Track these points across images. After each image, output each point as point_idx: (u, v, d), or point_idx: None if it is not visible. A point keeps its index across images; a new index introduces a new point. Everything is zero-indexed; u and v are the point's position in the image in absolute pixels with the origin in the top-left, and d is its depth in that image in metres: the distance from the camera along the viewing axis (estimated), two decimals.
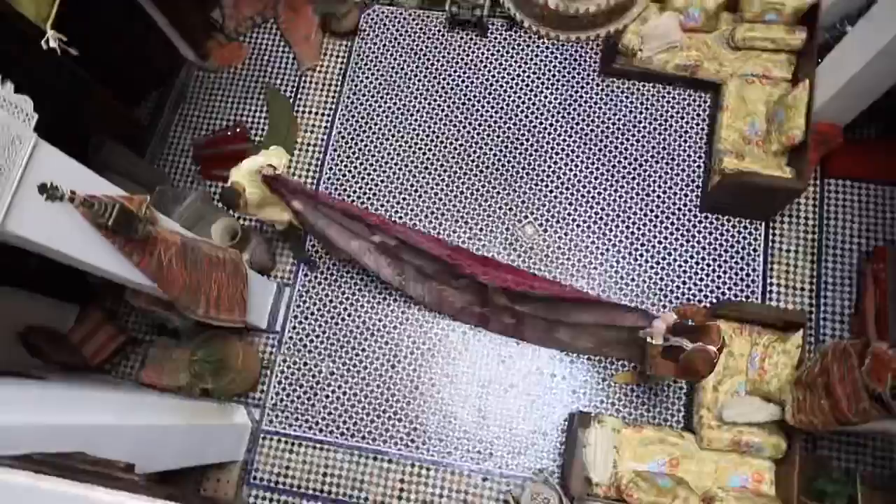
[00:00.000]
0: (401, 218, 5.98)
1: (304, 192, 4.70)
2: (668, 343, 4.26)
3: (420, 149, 6.21)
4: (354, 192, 6.12)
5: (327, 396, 5.57)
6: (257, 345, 5.74)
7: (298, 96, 6.52)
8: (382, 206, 6.05)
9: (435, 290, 5.25)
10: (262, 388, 5.63)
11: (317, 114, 6.44)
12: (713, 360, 4.00)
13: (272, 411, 5.57)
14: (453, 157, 6.16)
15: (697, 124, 6.07)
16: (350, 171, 6.20)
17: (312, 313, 5.79)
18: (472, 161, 6.13)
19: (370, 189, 6.12)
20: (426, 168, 6.15)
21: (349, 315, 5.76)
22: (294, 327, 5.77)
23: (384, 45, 6.60)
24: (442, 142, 6.22)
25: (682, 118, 6.10)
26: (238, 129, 6.29)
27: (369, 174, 6.17)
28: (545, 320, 5.07)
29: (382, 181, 6.14)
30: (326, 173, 6.21)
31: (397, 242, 4.74)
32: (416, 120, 6.31)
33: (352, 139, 6.30)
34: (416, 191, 6.07)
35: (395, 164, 6.18)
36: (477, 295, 5.12)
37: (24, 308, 5.25)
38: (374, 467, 5.38)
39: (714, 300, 5.56)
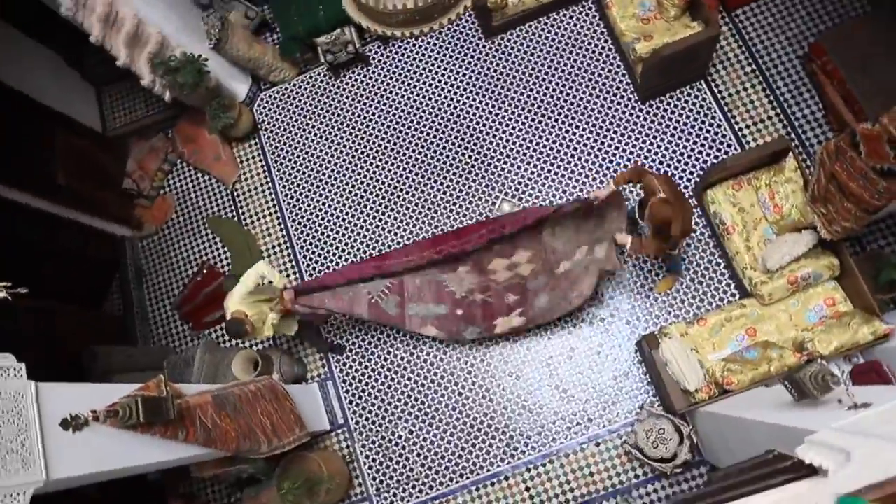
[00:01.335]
0: (386, 245, 5.96)
1: (324, 290, 4.90)
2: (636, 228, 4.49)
3: (373, 181, 6.23)
4: (334, 249, 6.12)
5: (419, 455, 5.53)
6: (332, 446, 5.70)
7: (240, 210, 6.53)
8: (365, 243, 6.04)
9: (434, 284, 5.15)
10: (359, 482, 5.58)
11: (264, 214, 6.45)
12: (669, 200, 4.10)
13: (379, 496, 5.52)
14: (407, 175, 6.17)
15: (596, 32, 6.11)
16: (320, 237, 6.20)
17: (363, 390, 5.76)
18: (426, 169, 6.15)
19: (347, 237, 6.12)
20: (387, 195, 6.16)
21: (395, 371, 5.73)
22: (354, 412, 5.74)
23: (288, 122, 6.63)
24: (390, 167, 6.23)
25: (579, 36, 6.15)
26: (206, 271, 6.29)
27: (338, 226, 6.17)
28: (544, 269, 5.07)
29: (353, 223, 6.14)
30: (302, 257, 6.21)
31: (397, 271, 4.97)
32: (355, 161, 6.33)
33: (306, 212, 6.31)
34: (387, 218, 6.08)
35: (356, 205, 6.19)
36: (476, 275, 5.13)
37: None
38: (496, 491, 5.33)
39: (700, 172, 5.58)
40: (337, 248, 6.17)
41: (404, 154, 6.25)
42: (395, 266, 4.97)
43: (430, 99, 6.34)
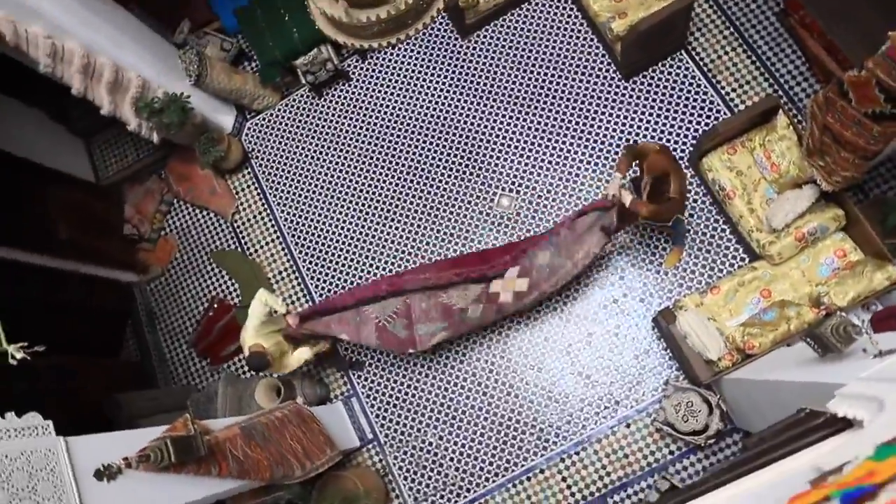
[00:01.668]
0: (392, 256, 5.97)
1: (331, 314, 4.92)
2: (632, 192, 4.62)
3: (370, 194, 6.23)
4: (341, 268, 6.12)
5: (451, 459, 5.53)
6: (365, 462, 5.70)
7: (242, 240, 6.55)
8: (371, 257, 6.05)
9: (440, 305, 5.04)
10: (396, 494, 5.58)
11: (267, 242, 6.47)
12: (664, 152, 4.29)
13: None
14: (403, 183, 6.18)
15: (570, 16, 6.12)
16: (326, 258, 6.21)
17: (387, 402, 5.76)
18: (421, 175, 6.15)
19: (353, 254, 6.12)
20: (387, 206, 6.16)
21: (417, 380, 5.73)
22: (382, 425, 5.74)
23: (278, 147, 6.64)
24: (385, 177, 6.24)
25: (555, 22, 6.15)
26: (217, 305, 6.31)
27: (343, 244, 6.18)
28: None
29: (357, 239, 6.14)
30: (310, 279, 6.22)
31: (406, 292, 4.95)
32: (349, 177, 6.34)
33: (308, 235, 6.32)
34: (389, 229, 6.08)
35: (358, 220, 6.20)
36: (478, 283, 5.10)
37: None
38: (532, 485, 5.33)
39: (693, 142, 5.57)
40: (344, 266, 6.17)
41: (397, 163, 6.26)
42: (410, 283, 4.93)
43: (415, 105, 6.34)
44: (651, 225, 5.30)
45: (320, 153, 6.51)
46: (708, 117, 5.62)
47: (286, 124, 6.69)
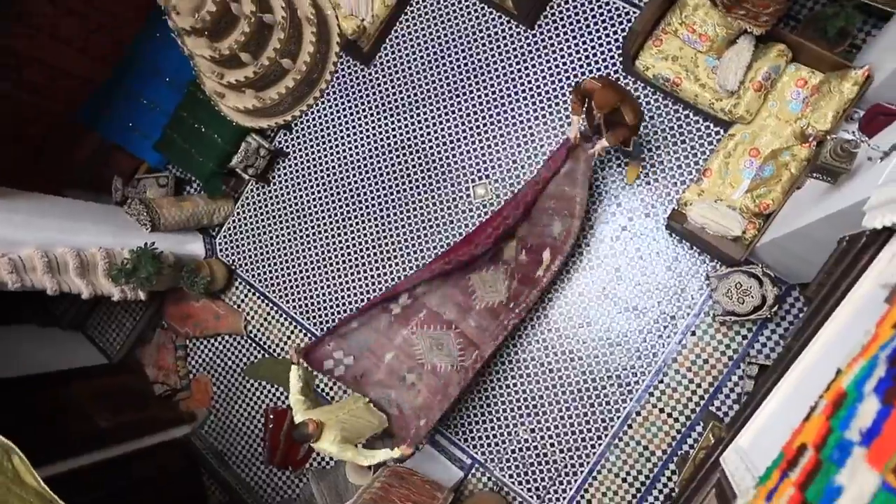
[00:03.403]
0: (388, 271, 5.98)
1: (334, 341, 5.08)
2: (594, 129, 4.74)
3: (356, 244, 6.26)
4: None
5: (552, 444, 5.51)
6: (476, 487, 5.69)
7: (265, 345, 6.55)
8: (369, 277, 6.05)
9: (457, 297, 5.27)
10: (519, 501, 5.56)
11: (287, 335, 6.47)
12: (606, 85, 4.25)
13: (543, 501, 5.50)
14: (381, 218, 6.20)
15: (452, 0, 6.18)
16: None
17: (468, 423, 5.75)
18: (394, 203, 6.17)
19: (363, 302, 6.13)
20: (376, 246, 6.18)
21: (485, 391, 5.72)
22: (474, 446, 5.72)
23: (255, 246, 6.67)
24: (363, 221, 6.26)
25: (441, 11, 6.19)
26: (272, 415, 6.30)
27: (351, 302, 6.18)
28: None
29: (363, 291, 6.14)
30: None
31: (415, 291, 5.15)
32: (330, 239, 6.36)
33: (319, 309, 6.34)
34: (388, 264, 6.09)
35: (355, 273, 6.22)
36: (497, 269, 5.20)
37: None
38: (636, 430, 5.30)
39: (619, 55, 5.59)
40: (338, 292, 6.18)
41: (366, 202, 6.29)
42: (405, 285, 5.09)
43: (356, 145, 6.38)
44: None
45: (294, 229, 6.53)
46: (623, 24, 5.65)
47: (251, 222, 6.72)
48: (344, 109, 6.44)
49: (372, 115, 6.34)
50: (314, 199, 6.49)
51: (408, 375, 5.21)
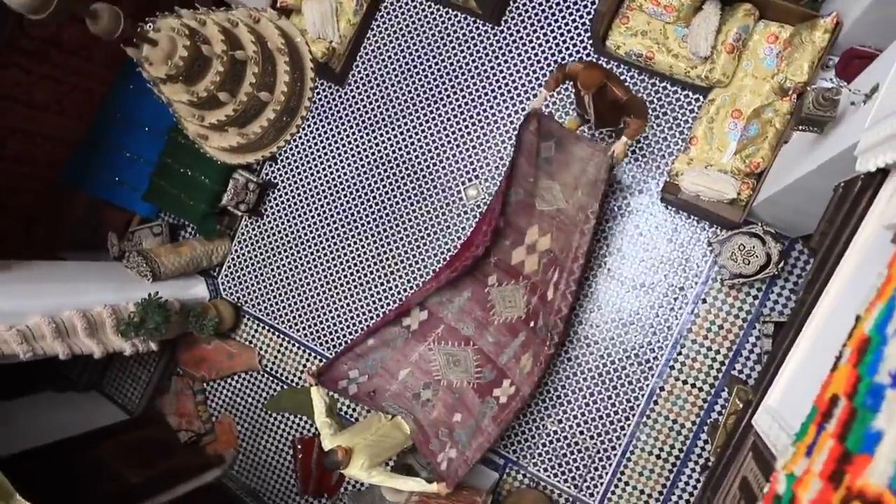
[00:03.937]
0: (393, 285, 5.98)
1: (350, 361, 5.10)
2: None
3: (361, 263, 6.27)
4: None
5: (581, 432, 5.51)
6: (513, 486, 5.68)
7: (282, 376, 6.55)
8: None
9: (477, 309, 5.17)
10: (558, 494, 5.56)
11: (301, 363, 6.47)
12: (588, 65, 4.29)
13: (582, 490, 5.50)
14: (379, 236, 6.22)
15: (414, 9, 6.17)
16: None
17: None
18: (388, 219, 6.19)
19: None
20: (379, 264, 6.19)
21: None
22: (505, 446, 5.72)
23: (257, 280, 6.67)
24: (361, 242, 6.27)
25: (406, 20, 6.21)
26: (300, 446, 6.30)
27: (361, 323, 6.19)
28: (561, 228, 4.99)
29: (371, 311, 6.16)
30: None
31: (429, 304, 5.12)
32: (334, 260, 6.37)
33: (330, 334, 6.34)
34: (393, 280, 6.10)
35: (362, 294, 6.23)
36: (510, 279, 5.13)
37: None
38: (662, 406, 5.31)
39: (589, 38, 5.62)
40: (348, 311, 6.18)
41: (361, 222, 6.30)
42: (416, 299, 5.06)
43: (342, 167, 6.39)
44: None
45: (294, 258, 6.54)
46: (586, 7, 5.67)
47: (250, 257, 6.73)
48: (325, 132, 6.46)
49: (354, 133, 6.36)
50: (309, 225, 6.50)
51: (423, 392, 5.18)
